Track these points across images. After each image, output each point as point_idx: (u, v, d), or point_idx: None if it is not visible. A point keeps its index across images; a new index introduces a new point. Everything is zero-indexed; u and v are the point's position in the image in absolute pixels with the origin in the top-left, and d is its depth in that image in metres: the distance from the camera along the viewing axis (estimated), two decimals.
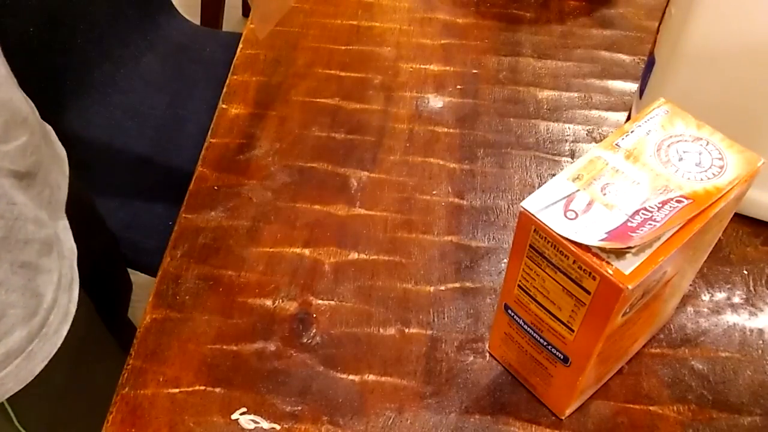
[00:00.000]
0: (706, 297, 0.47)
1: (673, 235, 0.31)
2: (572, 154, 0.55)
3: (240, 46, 0.63)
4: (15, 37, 0.76)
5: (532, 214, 0.32)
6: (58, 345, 0.50)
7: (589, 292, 0.31)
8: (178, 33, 1.03)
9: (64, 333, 0.51)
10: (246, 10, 1.71)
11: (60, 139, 0.59)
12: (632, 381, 0.43)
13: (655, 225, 0.31)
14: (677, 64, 0.46)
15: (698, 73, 0.46)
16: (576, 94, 0.60)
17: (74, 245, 0.54)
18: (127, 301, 0.83)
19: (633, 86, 0.60)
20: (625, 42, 0.64)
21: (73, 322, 0.52)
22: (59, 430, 0.60)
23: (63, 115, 0.88)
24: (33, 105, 0.53)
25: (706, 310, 0.46)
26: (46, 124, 0.57)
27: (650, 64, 0.51)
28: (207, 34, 1.10)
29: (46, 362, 0.49)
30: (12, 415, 0.52)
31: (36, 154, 0.49)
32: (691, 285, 0.47)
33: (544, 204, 0.32)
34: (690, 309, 0.46)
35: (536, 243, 0.33)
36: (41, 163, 0.50)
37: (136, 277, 0.83)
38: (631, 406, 0.42)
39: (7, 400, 0.49)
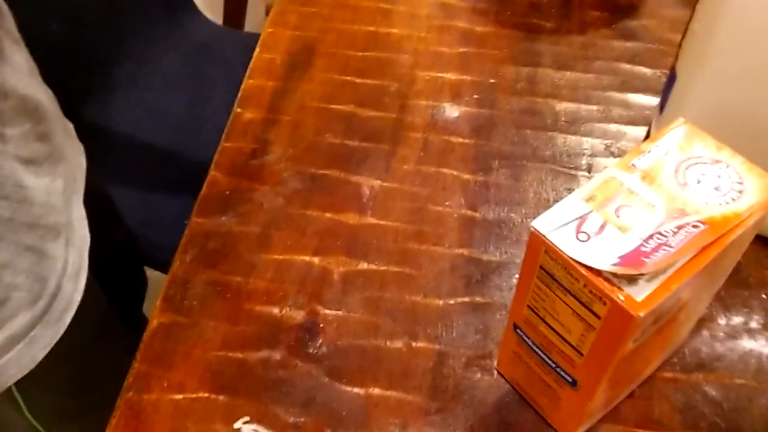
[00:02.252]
0: (722, 321, 0.45)
1: (688, 261, 0.30)
2: (589, 169, 0.54)
3: (257, 50, 0.63)
4: (36, 33, 0.77)
5: (543, 235, 0.31)
6: (61, 332, 0.50)
7: (599, 317, 0.31)
8: (199, 32, 1.04)
9: (67, 321, 0.51)
10: (269, 10, 1.72)
11: (80, 135, 0.60)
12: (643, 405, 0.42)
13: (669, 251, 0.30)
14: (699, 81, 0.45)
15: (721, 92, 0.45)
16: (595, 107, 0.59)
17: (87, 235, 0.54)
18: (142, 296, 0.84)
19: (654, 100, 0.59)
20: (647, 55, 0.63)
21: (86, 314, 0.52)
22: (68, 422, 0.60)
23: (84, 111, 0.89)
24: (53, 97, 0.53)
25: (721, 334, 0.45)
26: (68, 121, 0.58)
27: (671, 79, 0.49)
28: (228, 34, 1.10)
29: (47, 349, 0.49)
30: (22, 405, 0.52)
31: (42, 143, 0.49)
32: (707, 308, 0.46)
33: (556, 224, 0.31)
34: (705, 333, 0.45)
35: (546, 264, 0.32)
36: (50, 155, 0.51)
37: (151, 273, 0.84)
38: (642, 431, 0.41)
39: (18, 390, 0.50)
